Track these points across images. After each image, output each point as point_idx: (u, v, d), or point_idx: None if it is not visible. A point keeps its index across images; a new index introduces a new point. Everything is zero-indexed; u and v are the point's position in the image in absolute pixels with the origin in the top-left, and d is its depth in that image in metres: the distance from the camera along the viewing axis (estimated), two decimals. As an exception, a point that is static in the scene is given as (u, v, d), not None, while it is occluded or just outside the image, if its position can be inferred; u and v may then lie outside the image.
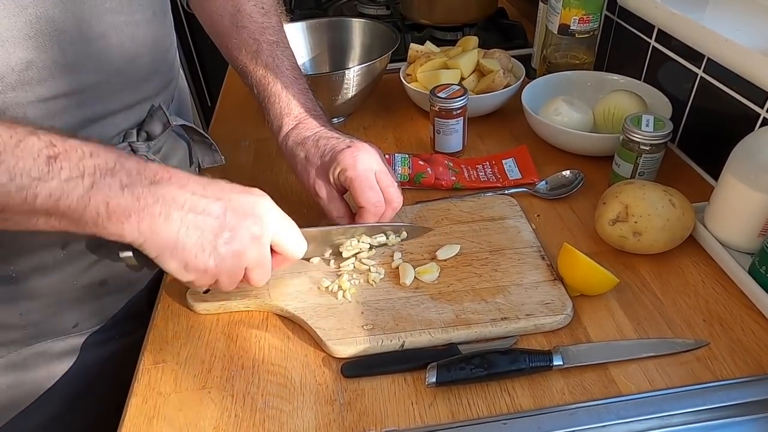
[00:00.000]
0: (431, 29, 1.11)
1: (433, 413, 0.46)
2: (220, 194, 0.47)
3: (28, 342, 0.57)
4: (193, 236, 0.45)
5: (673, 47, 0.74)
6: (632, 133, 0.63)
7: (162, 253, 0.45)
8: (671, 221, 0.56)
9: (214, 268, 0.46)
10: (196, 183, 0.46)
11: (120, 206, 0.41)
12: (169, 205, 0.44)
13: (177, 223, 0.44)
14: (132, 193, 0.42)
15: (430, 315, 0.53)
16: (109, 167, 0.42)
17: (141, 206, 0.42)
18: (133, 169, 0.43)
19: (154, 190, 0.43)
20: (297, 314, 0.54)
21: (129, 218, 0.42)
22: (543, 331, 0.52)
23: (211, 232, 0.46)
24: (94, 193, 0.41)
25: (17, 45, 0.45)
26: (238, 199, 0.48)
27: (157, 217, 0.43)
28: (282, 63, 0.64)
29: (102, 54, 0.51)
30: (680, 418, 0.45)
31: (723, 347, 0.50)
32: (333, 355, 0.51)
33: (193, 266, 0.46)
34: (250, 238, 0.47)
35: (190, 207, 0.45)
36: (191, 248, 0.45)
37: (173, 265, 0.46)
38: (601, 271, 0.52)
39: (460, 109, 0.74)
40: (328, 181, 0.59)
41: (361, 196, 0.57)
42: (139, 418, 0.47)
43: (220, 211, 0.46)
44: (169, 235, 0.44)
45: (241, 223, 0.47)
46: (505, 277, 0.56)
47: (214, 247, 0.46)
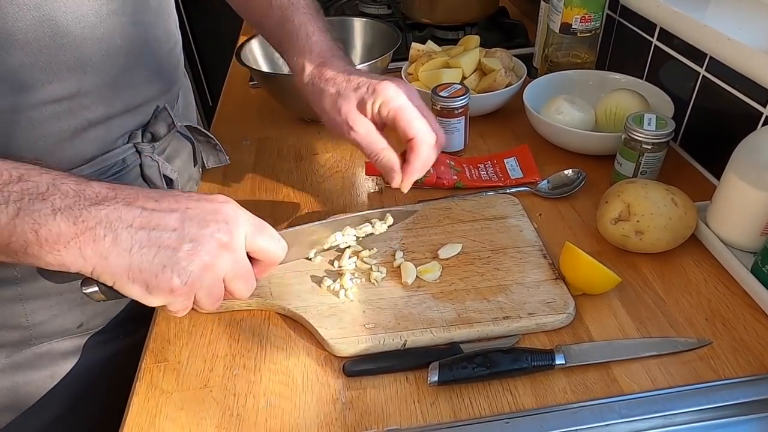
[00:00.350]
0: (433, 28, 1.11)
1: (435, 412, 0.46)
2: (174, 205, 0.42)
3: (32, 342, 0.57)
4: (148, 255, 0.40)
5: (675, 46, 0.74)
6: (634, 132, 0.63)
7: (118, 278, 0.40)
8: (673, 220, 0.56)
9: (183, 286, 0.41)
10: (147, 197, 0.42)
11: (52, 233, 0.38)
12: (114, 226, 0.40)
13: (127, 242, 0.40)
14: (67, 217, 0.38)
15: (431, 314, 0.53)
16: (40, 191, 0.38)
17: (80, 230, 0.39)
18: (71, 191, 0.40)
19: (95, 211, 0.39)
20: (299, 313, 0.54)
21: (67, 245, 0.38)
22: (545, 330, 0.52)
23: (170, 247, 0.41)
24: (19, 220, 0.37)
25: (21, 48, 0.45)
26: (197, 206, 0.43)
27: (101, 240, 0.39)
28: (298, 1, 0.62)
29: (106, 56, 0.51)
30: (683, 417, 0.45)
31: (725, 346, 0.49)
32: (335, 355, 0.51)
33: (156, 288, 0.41)
34: (218, 246, 0.42)
35: (140, 224, 0.40)
36: (149, 268, 0.40)
37: (135, 290, 0.41)
38: (603, 270, 0.52)
39: (462, 109, 0.74)
40: (363, 113, 0.55)
41: (411, 125, 0.53)
42: (142, 418, 0.47)
43: (177, 222, 0.41)
44: (122, 258, 0.40)
45: (204, 232, 0.42)
46: (507, 276, 0.56)
47: (176, 263, 0.41)
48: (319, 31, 0.60)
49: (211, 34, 1.69)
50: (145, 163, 0.58)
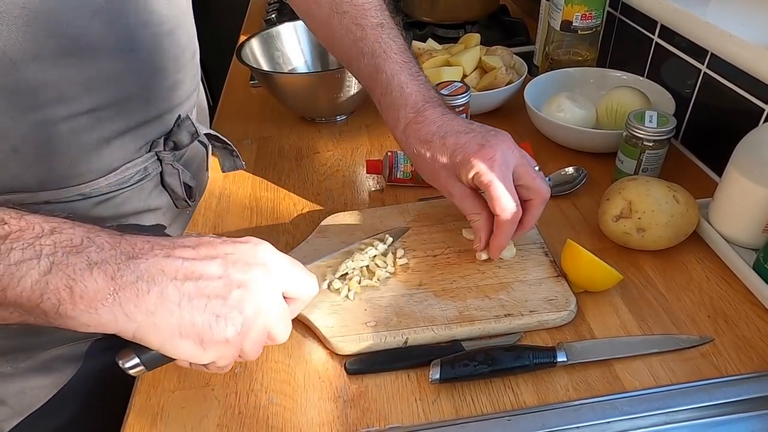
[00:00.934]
0: (433, 27, 1.11)
1: (436, 410, 0.46)
2: (213, 252, 0.40)
3: (47, 346, 0.57)
4: (199, 307, 0.38)
5: (676, 43, 0.74)
6: (635, 129, 0.63)
7: (168, 337, 0.37)
8: (675, 217, 0.56)
9: (236, 336, 0.39)
10: (183, 246, 0.40)
11: (88, 289, 0.34)
12: (158, 281, 0.37)
13: (175, 296, 0.37)
14: (104, 271, 0.35)
15: (433, 312, 0.53)
16: (74, 244, 0.35)
17: (119, 285, 0.35)
18: (106, 243, 0.37)
19: (134, 265, 0.36)
20: (301, 311, 0.54)
21: (105, 302, 0.35)
22: (546, 328, 0.52)
23: (219, 296, 0.38)
24: (52, 276, 0.34)
25: (55, 62, 0.45)
26: (236, 250, 0.41)
27: (145, 295, 0.36)
28: (389, 47, 0.59)
29: (135, 67, 0.51)
30: (685, 414, 0.45)
31: (727, 343, 0.49)
32: (337, 353, 0.51)
33: (211, 342, 0.38)
34: (263, 290, 0.40)
35: (185, 274, 0.38)
36: (202, 321, 0.38)
37: (187, 347, 0.38)
38: (604, 267, 0.52)
39: (463, 107, 0.74)
40: (459, 180, 0.54)
41: (497, 204, 0.51)
42: (143, 416, 0.47)
43: (221, 270, 0.39)
44: (171, 314, 0.37)
45: (249, 276, 0.40)
46: (508, 274, 0.56)
47: (229, 312, 0.38)
48: (412, 80, 0.58)
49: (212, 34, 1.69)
50: (166, 171, 0.58)
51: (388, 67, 0.57)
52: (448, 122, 0.55)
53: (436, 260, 0.59)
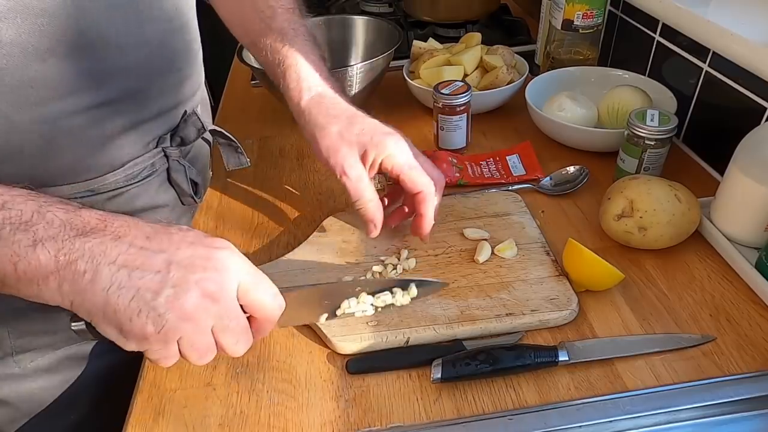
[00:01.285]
0: (434, 26, 1.11)
1: (438, 409, 0.46)
2: (165, 245, 0.39)
3: (57, 346, 0.57)
4: (125, 296, 0.37)
5: (677, 42, 0.74)
6: (637, 128, 0.63)
7: (93, 317, 0.38)
8: (677, 216, 0.56)
9: (155, 334, 0.38)
10: (140, 232, 0.39)
11: (31, 266, 0.35)
12: (96, 260, 0.37)
13: (106, 281, 0.37)
14: (48, 249, 0.36)
15: (434, 311, 0.53)
16: (23, 220, 0.36)
17: (60, 264, 0.36)
18: (56, 220, 0.37)
19: (80, 243, 0.36)
20: None
21: (46, 280, 0.36)
22: (548, 327, 0.52)
23: (149, 291, 0.37)
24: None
25: (66, 56, 0.45)
26: (188, 250, 0.39)
27: (81, 276, 0.36)
28: (298, 29, 0.61)
29: (143, 61, 0.51)
30: (687, 413, 0.45)
31: (730, 342, 0.49)
32: (337, 352, 0.51)
33: (130, 333, 0.38)
34: (202, 296, 0.38)
35: (123, 261, 0.37)
36: (124, 311, 0.37)
37: (110, 331, 0.38)
38: (606, 266, 0.52)
39: (464, 106, 0.74)
40: (361, 161, 0.55)
41: (418, 181, 0.55)
42: (145, 415, 0.47)
43: (163, 264, 0.38)
44: (97, 297, 0.37)
45: (189, 278, 0.38)
46: (510, 273, 0.56)
47: (153, 309, 0.37)
48: (318, 61, 0.60)
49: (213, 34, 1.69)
50: (173, 167, 0.58)
51: (296, 45, 0.59)
52: (352, 108, 0.58)
53: (437, 260, 0.59)
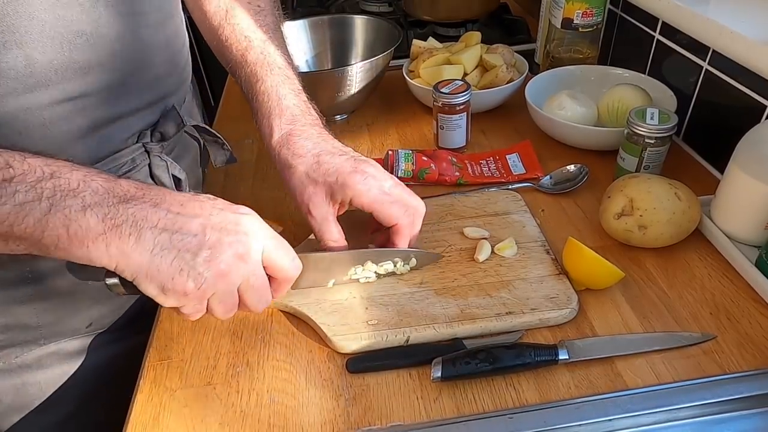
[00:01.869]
0: (434, 25, 1.11)
1: (438, 408, 0.46)
2: (199, 211, 0.43)
3: (41, 342, 0.57)
4: (168, 257, 0.41)
5: (677, 40, 0.74)
6: (637, 126, 0.63)
7: (137, 276, 0.41)
8: (677, 214, 0.56)
9: (196, 291, 0.42)
10: (174, 200, 0.43)
11: (82, 229, 0.39)
12: (140, 225, 0.41)
13: (149, 243, 0.41)
14: (96, 214, 0.39)
15: (434, 310, 0.53)
16: (71, 188, 0.39)
17: (107, 227, 0.39)
18: (100, 188, 0.40)
19: (123, 209, 0.40)
20: (301, 310, 0.54)
21: (95, 241, 0.39)
22: (548, 326, 0.52)
23: (189, 252, 0.42)
24: (51, 216, 0.38)
25: (36, 47, 0.45)
26: (219, 215, 0.44)
27: (126, 238, 0.40)
28: (274, 60, 0.61)
29: (118, 55, 0.51)
30: (687, 411, 0.45)
31: (730, 340, 0.49)
32: (338, 351, 0.51)
33: (171, 290, 0.42)
34: (234, 257, 0.43)
35: (164, 225, 0.41)
36: (167, 270, 0.41)
37: (151, 289, 0.42)
38: (606, 264, 0.52)
39: (464, 105, 0.74)
40: (327, 201, 0.55)
41: (389, 216, 0.54)
42: (146, 415, 0.47)
43: (199, 228, 0.42)
44: (142, 257, 0.41)
45: (223, 240, 0.43)
46: (509, 272, 0.56)
47: (193, 268, 0.42)
48: (292, 95, 0.59)
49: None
50: (154, 163, 0.58)
51: (270, 78, 0.60)
52: (322, 142, 0.56)
53: None
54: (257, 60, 0.61)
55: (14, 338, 0.56)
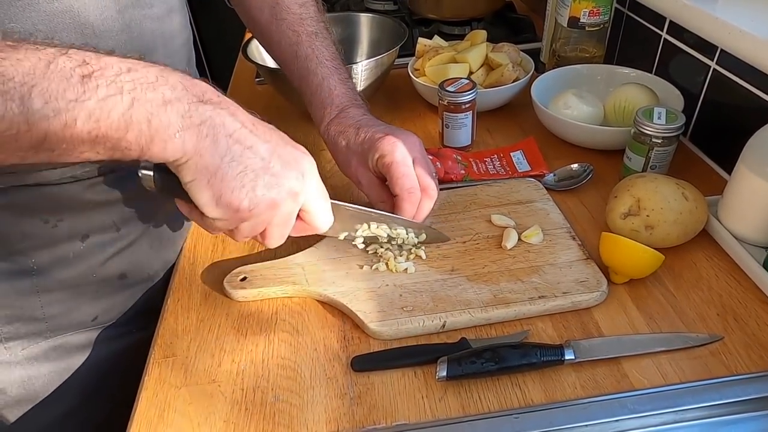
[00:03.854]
0: (439, 24, 1.11)
1: (443, 407, 0.46)
2: (269, 137, 0.45)
3: (47, 335, 0.57)
4: (235, 169, 0.42)
5: (684, 39, 0.73)
6: (644, 126, 0.63)
7: (199, 177, 0.42)
8: (684, 215, 0.55)
9: (246, 210, 0.44)
10: (246, 116, 0.44)
11: (162, 124, 0.39)
12: (217, 129, 0.41)
13: (223, 149, 0.41)
14: (176, 110, 0.39)
15: (468, 295, 0.53)
16: (149, 81, 0.39)
17: (187, 124, 0.40)
18: (179, 84, 0.40)
19: (202, 109, 0.41)
20: (337, 298, 0.54)
21: (173, 137, 0.39)
22: (580, 308, 0.52)
23: (254, 172, 0.43)
24: (134, 110, 0.38)
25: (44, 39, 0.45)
26: (285, 148, 0.46)
27: (203, 138, 0.41)
28: (321, 53, 0.64)
29: (123, 47, 0.51)
30: (694, 412, 0.44)
31: (737, 341, 0.49)
32: (374, 337, 0.51)
33: (226, 201, 0.43)
34: (288, 192, 0.45)
35: (238, 138, 0.42)
36: (230, 181, 0.42)
37: (206, 194, 0.42)
38: (648, 250, 0.52)
39: (469, 103, 0.74)
40: (368, 168, 0.58)
41: (396, 182, 0.56)
42: (150, 412, 0.47)
43: (267, 153, 0.44)
44: (213, 161, 0.41)
45: (285, 173, 0.45)
46: (538, 258, 0.57)
47: (253, 188, 0.43)
48: (341, 84, 0.63)
49: (217, 31, 1.69)
50: None
51: (320, 70, 0.63)
52: (366, 119, 0.61)
53: (465, 246, 0.60)
54: (307, 54, 0.64)
55: (20, 331, 0.56)
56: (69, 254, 0.55)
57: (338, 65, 0.65)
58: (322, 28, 0.67)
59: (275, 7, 0.66)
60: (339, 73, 0.64)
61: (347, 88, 0.64)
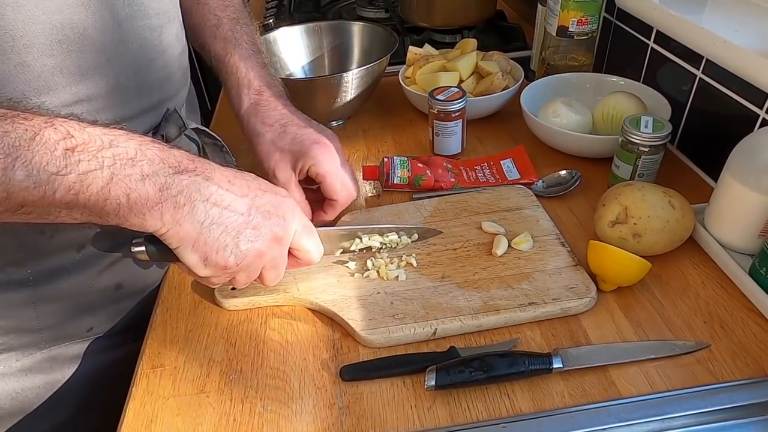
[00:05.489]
0: (430, 32, 1.11)
1: (432, 417, 0.46)
2: (246, 190, 0.47)
3: (42, 346, 0.57)
4: (216, 231, 0.44)
5: (672, 48, 0.74)
6: (631, 134, 0.63)
7: (183, 244, 0.44)
8: (671, 223, 0.56)
9: (234, 266, 0.46)
10: (222, 176, 0.46)
11: (141, 198, 0.41)
12: (193, 197, 0.43)
13: (201, 215, 0.44)
14: (154, 183, 0.41)
15: (458, 302, 0.53)
16: (129, 156, 0.41)
17: (164, 197, 0.42)
18: (156, 157, 0.42)
19: (177, 180, 0.43)
20: (327, 307, 0.54)
21: (151, 210, 0.41)
22: (569, 315, 0.53)
23: (235, 230, 0.45)
24: (113, 185, 0.40)
25: (44, 51, 0.45)
26: (263, 197, 0.48)
27: (181, 208, 0.43)
28: (241, 37, 0.66)
29: (122, 58, 0.52)
30: (681, 420, 0.45)
31: (724, 349, 0.49)
32: (365, 345, 0.52)
33: (213, 262, 0.45)
34: (272, 239, 0.47)
35: (215, 201, 0.44)
36: (213, 243, 0.44)
37: (193, 258, 0.45)
38: (635, 258, 0.53)
39: (459, 112, 0.74)
40: (291, 168, 0.60)
41: (334, 191, 0.60)
42: (138, 423, 0.47)
43: (245, 208, 0.46)
44: (193, 227, 0.43)
45: (265, 223, 0.47)
46: (528, 264, 0.57)
47: (236, 245, 0.45)
48: (258, 67, 0.65)
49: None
50: None
51: (237, 52, 0.64)
52: (289, 114, 0.63)
53: (456, 253, 0.60)
54: (226, 36, 0.65)
55: (14, 342, 0.56)
56: (65, 265, 0.55)
57: (256, 50, 0.66)
58: (244, 16, 0.69)
59: None
60: (257, 57, 0.65)
61: (265, 72, 0.65)
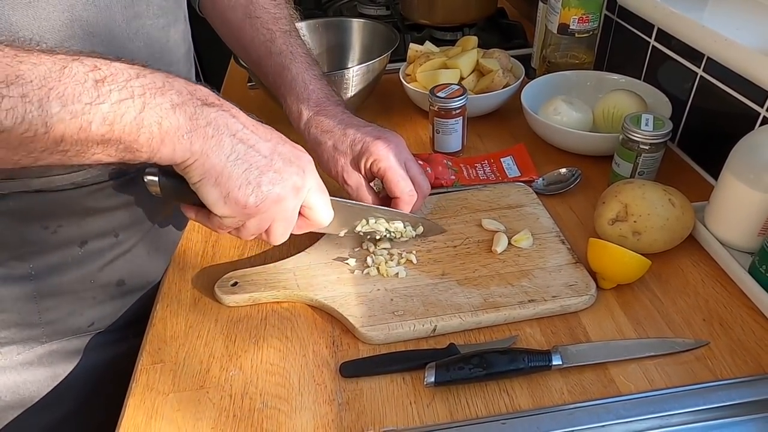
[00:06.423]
0: (431, 29, 1.11)
1: (431, 413, 0.46)
2: (269, 136, 0.47)
3: (43, 340, 0.57)
4: (240, 167, 0.44)
5: (672, 47, 0.74)
6: (632, 132, 0.63)
7: (206, 177, 0.44)
8: (671, 221, 0.56)
9: (253, 206, 0.46)
10: (246, 119, 0.46)
11: (172, 126, 0.41)
12: (221, 131, 0.43)
13: (228, 149, 0.43)
14: (184, 112, 0.41)
15: (458, 300, 0.54)
16: (157, 86, 0.41)
17: (194, 126, 0.42)
18: (183, 89, 0.42)
19: (206, 111, 0.43)
20: (328, 303, 0.54)
21: (181, 138, 0.41)
22: (569, 313, 0.53)
23: (258, 169, 0.45)
24: (146, 113, 0.39)
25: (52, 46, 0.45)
26: (284, 146, 0.48)
27: (209, 139, 0.42)
28: (296, 50, 0.65)
29: (129, 56, 0.51)
30: (680, 417, 0.45)
31: (723, 347, 0.49)
32: (365, 342, 0.51)
33: (233, 198, 0.45)
34: (292, 187, 0.47)
35: (241, 137, 0.44)
36: (236, 179, 0.44)
37: (213, 193, 0.44)
38: (635, 255, 0.53)
39: (460, 109, 0.74)
40: (357, 169, 0.60)
41: (396, 186, 0.59)
42: (138, 419, 0.47)
43: (269, 151, 0.46)
44: (219, 160, 0.43)
45: (287, 169, 0.47)
46: (528, 262, 0.57)
47: (258, 185, 0.45)
48: (316, 80, 0.65)
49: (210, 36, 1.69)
50: None
51: (294, 66, 0.64)
52: (347, 118, 0.62)
53: (456, 250, 0.60)
54: (281, 50, 0.65)
55: (16, 336, 0.56)
56: (67, 260, 0.55)
57: (312, 62, 0.66)
58: (295, 29, 0.68)
59: (249, 6, 0.67)
60: (313, 70, 0.65)
61: (322, 84, 0.65)
